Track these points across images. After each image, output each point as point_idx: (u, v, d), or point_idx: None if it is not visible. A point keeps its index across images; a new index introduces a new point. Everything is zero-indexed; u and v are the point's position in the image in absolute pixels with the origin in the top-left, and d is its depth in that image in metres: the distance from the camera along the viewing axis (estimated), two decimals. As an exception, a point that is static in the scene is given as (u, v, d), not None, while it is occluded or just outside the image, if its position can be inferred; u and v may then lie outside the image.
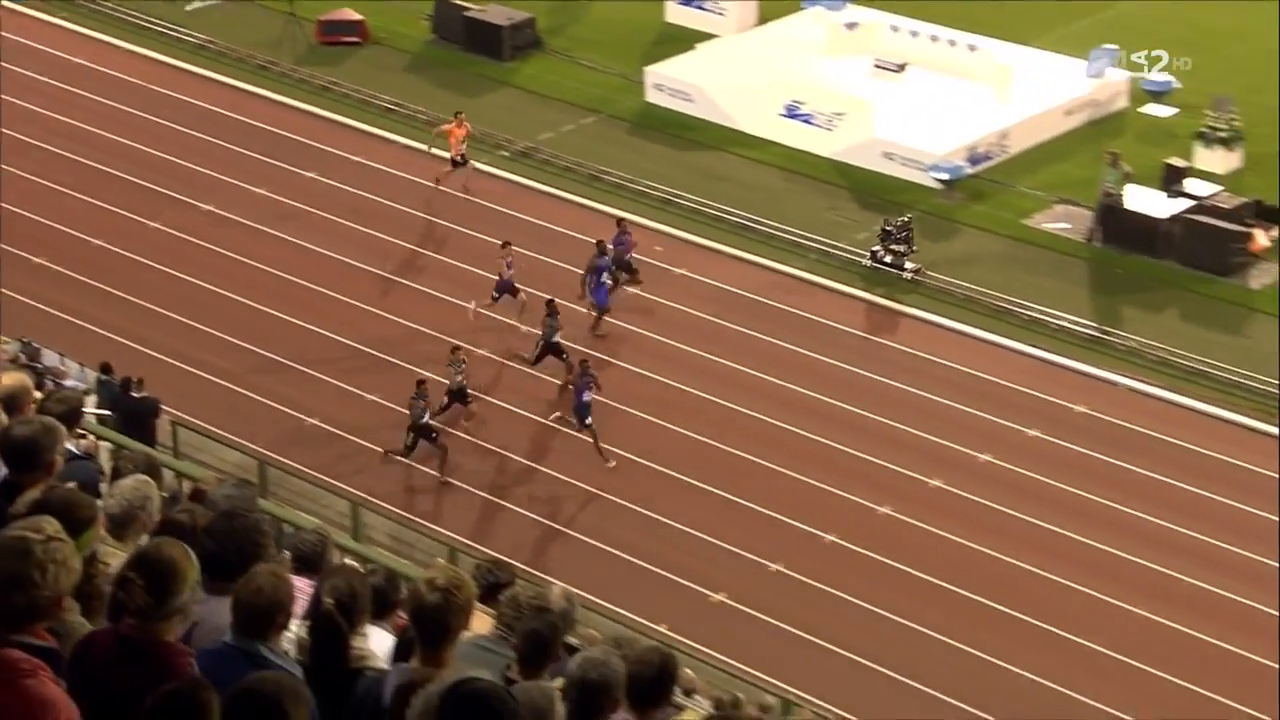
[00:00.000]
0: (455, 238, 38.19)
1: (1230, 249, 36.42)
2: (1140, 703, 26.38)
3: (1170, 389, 33.32)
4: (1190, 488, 30.60)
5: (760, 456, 31.45)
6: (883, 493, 30.66)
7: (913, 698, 26.54)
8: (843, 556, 29.52)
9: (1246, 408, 32.59)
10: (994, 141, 40.63)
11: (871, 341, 34.91)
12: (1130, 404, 33.05)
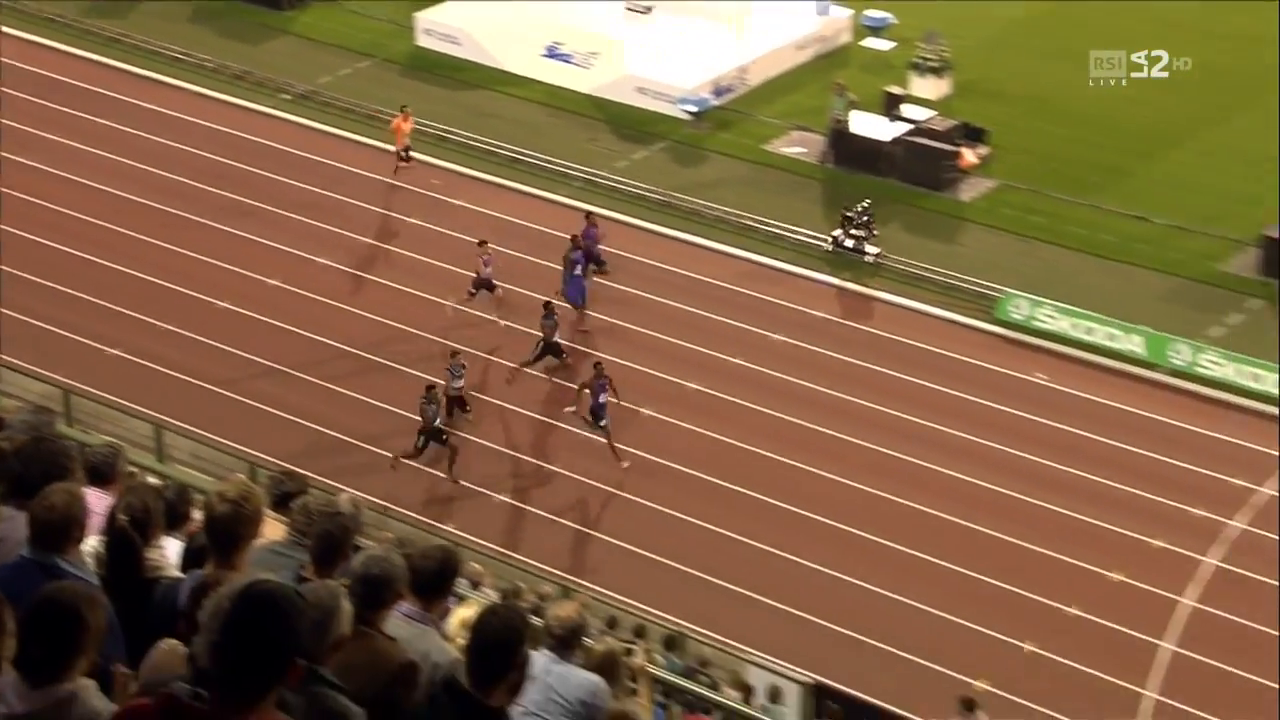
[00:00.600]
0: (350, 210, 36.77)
1: (944, 166, 37.18)
2: (914, 584, 26.92)
3: (897, 293, 33.91)
4: (919, 380, 31.19)
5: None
6: (644, 396, 30.81)
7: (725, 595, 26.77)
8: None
9: (962, 306, 33.28)
10: (735, 75, 40.85)
11: (636, 262, 34.88)
12: (864, 308, 33.58)
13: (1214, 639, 25.58)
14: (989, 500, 28.36)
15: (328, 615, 6.53)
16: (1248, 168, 36.84)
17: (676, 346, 32.13)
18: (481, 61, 41.83)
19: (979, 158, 37.65)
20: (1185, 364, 31.36)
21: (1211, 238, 34.74)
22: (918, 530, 27.73)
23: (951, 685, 24.29)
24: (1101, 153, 37.82)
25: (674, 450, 29.54)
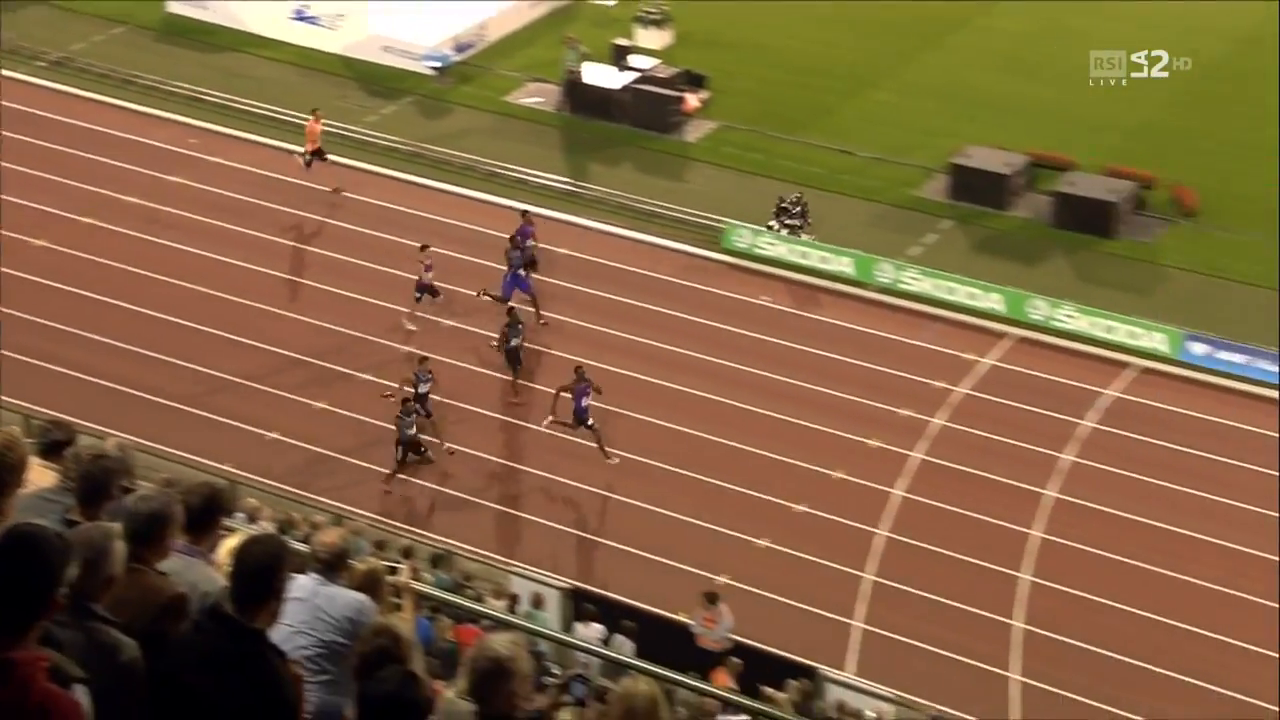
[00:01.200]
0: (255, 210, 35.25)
1: (669, 111, 37.36)
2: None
3: (631, 228, 34.10)
4: (654, 307, 31.46)
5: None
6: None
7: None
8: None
9: (691, 238, 33.62)
10: (475, 32, 40.44)
11: (392, 210, 34.44)
12: (602, 243, 33.67)
13: (922, 525, 26.39)
14: (723, 413, 28.74)
15: (99, 555, 6.33)
16: (936, 103, 37.76)
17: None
18: (231, 25, 40.71)
19: (700, 102, 37.94)
20: (890, 281, 32.14)
21: (907, 167, 35.57)
22: (657, 442, 27.99)
23: (695, 581, 24.67)
24: (809, 94, 38.39)
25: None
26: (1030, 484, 27.18)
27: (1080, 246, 32.92)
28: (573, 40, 38.28)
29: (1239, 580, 24.97)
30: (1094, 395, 29.21)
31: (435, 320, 30.78)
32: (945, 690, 22.95)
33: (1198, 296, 31.42)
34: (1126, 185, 33.69)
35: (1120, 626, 24.33)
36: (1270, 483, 26.70)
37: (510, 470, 27.88)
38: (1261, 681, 23.20)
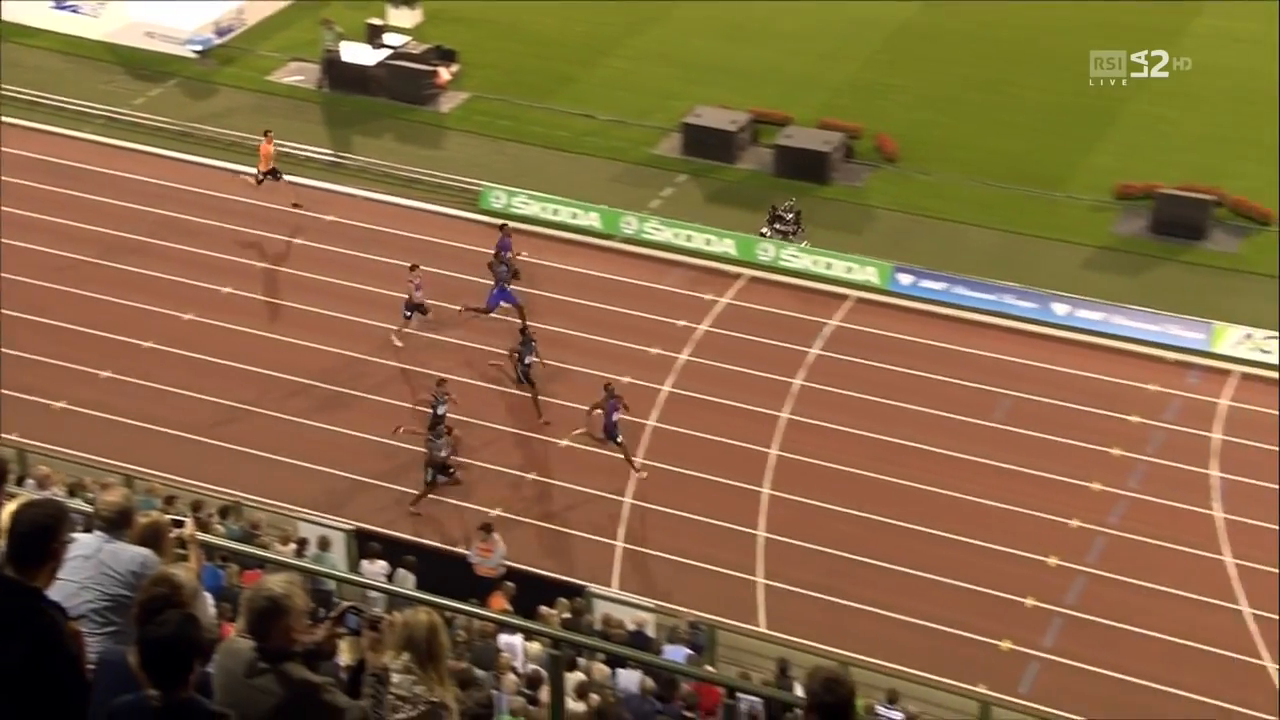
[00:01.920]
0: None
1: (423, 84, 36.90)
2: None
3: (393, 194, 33.67)
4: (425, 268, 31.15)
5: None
6: (182, 301, 29.71)
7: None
8: (160, 357, 28.56)
9: (451, 201, 33.34)
10: (234, 16, 39.37)
11: (165, 187, 33.33)
12: (367, 209, 33.16)
13: (673, 451, 26.70)
14: (486, 360, 28.67)
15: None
16: (667, 69, 38.00)
17: (199, 255, 31.04)
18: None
19: (452, 75, 37.55)
20: (634, 232, 32.34)
21: (643, 128, 35.75)
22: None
23: (473, 516, 24.62)
24: (551, 64, 38.27)
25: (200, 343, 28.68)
26: (767, 408, 27.68)
27: (800, 193, 33.47)
28: (329, 21, 37.54)
29: (953, 481, 25.86)
30: (819, 325, 29.87)
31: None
32: (700, 597, 23.30)
33: (902, 233, 32.31)
34: (837, 136, 34.44)
35: (851, 530, 25.01)
36: (973, 394, 27.74)
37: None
38: (978, 570, 24.14)
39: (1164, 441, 26.66)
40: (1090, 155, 34.13)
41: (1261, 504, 24.99)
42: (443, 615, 7.39)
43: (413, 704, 6.68)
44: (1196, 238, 31.37)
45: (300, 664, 6.31)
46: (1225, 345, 28.39)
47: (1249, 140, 34.01)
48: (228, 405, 27.36)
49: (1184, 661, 22.40)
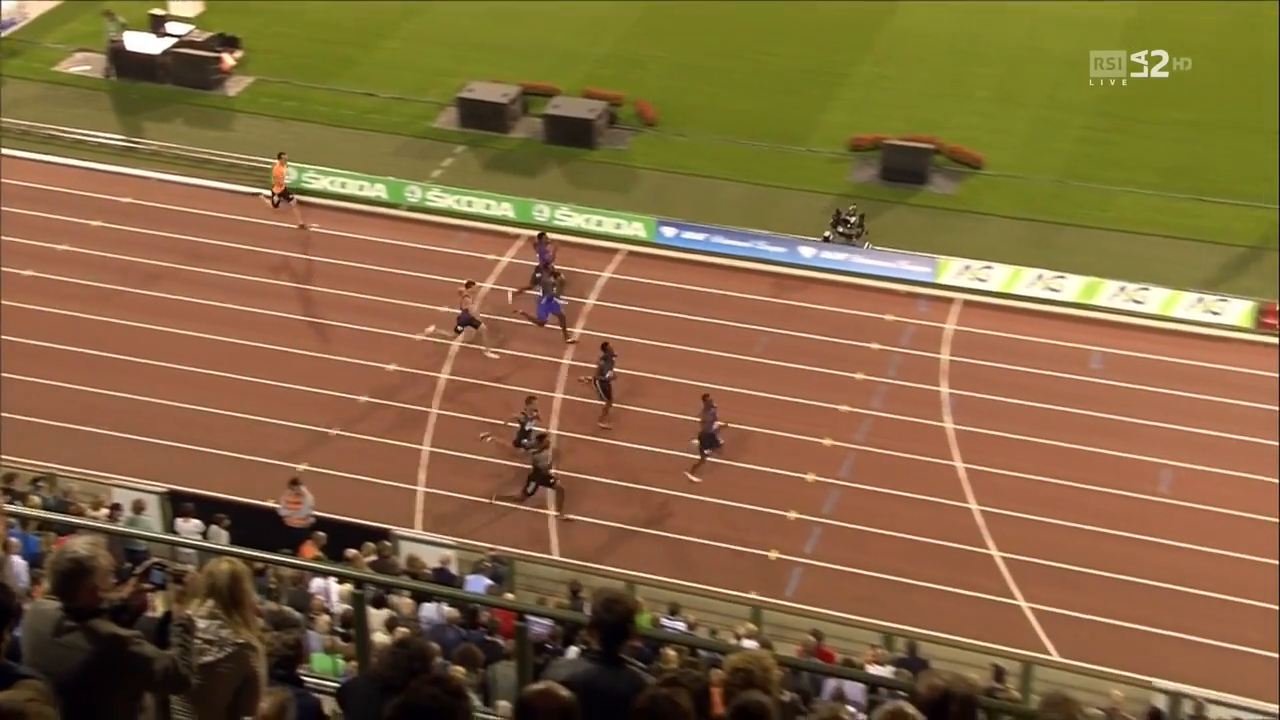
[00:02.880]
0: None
1: (208, 70, 35.75)
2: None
3: (186, 175, 32.58)
4: (215, 240, 30.25)
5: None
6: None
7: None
8: None
9: (241, 179, 32.34)
10: (15, 10, 37.60)
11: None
12: (161, 191, 32.05)
13: (466, 400, 26.53)
14: (281, 325, 28.07)
15: None
16: (440, 48, 37.52)
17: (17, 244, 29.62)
18: None
19: (236, 60, 36.41)
20: (418, 200, 31.93)
21: (422, 103, 35.26)
22: (233, 359, 27.14)
23: (280, 472, 24.14)
24: (332, 47, 37.42)
25: (45, 331, 27.43)
26: (550, 355, 27.71)
27: (569, 158, 33.53)
28: (111, 13, 35.99)
29: (721, 412, 26.28)
30: (594, 278, 29.96)
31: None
32: (498, 533, 23.33)
33: (664, 190, 32.57)
34: (600, 105, 34.48)
35: (638, 462, 25.26)
36: (734, 332, 28.21)
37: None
38: (745, 490, 24.60)
39: (901, 364, 27.54)
40: (825, 113, 34.88)
41: (984, 414, 26.05)
42: (254, 565, 7.27)
43: (219, 646, 6.56)
44: (920, 182, 32.37)
45: (108, 620, 6.12)
46: (948, 276, 29.43)
47: (960, 94, 35.20)
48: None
49: (925, 556, 23.28)
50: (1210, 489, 24.07)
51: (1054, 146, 33.15)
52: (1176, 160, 32.36)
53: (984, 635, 21.34)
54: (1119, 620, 21.93)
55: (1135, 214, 30.88)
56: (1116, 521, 23.60)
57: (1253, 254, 29.75)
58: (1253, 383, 26.42)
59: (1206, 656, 21.18)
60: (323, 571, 16.21)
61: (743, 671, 6.58)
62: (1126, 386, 26.59)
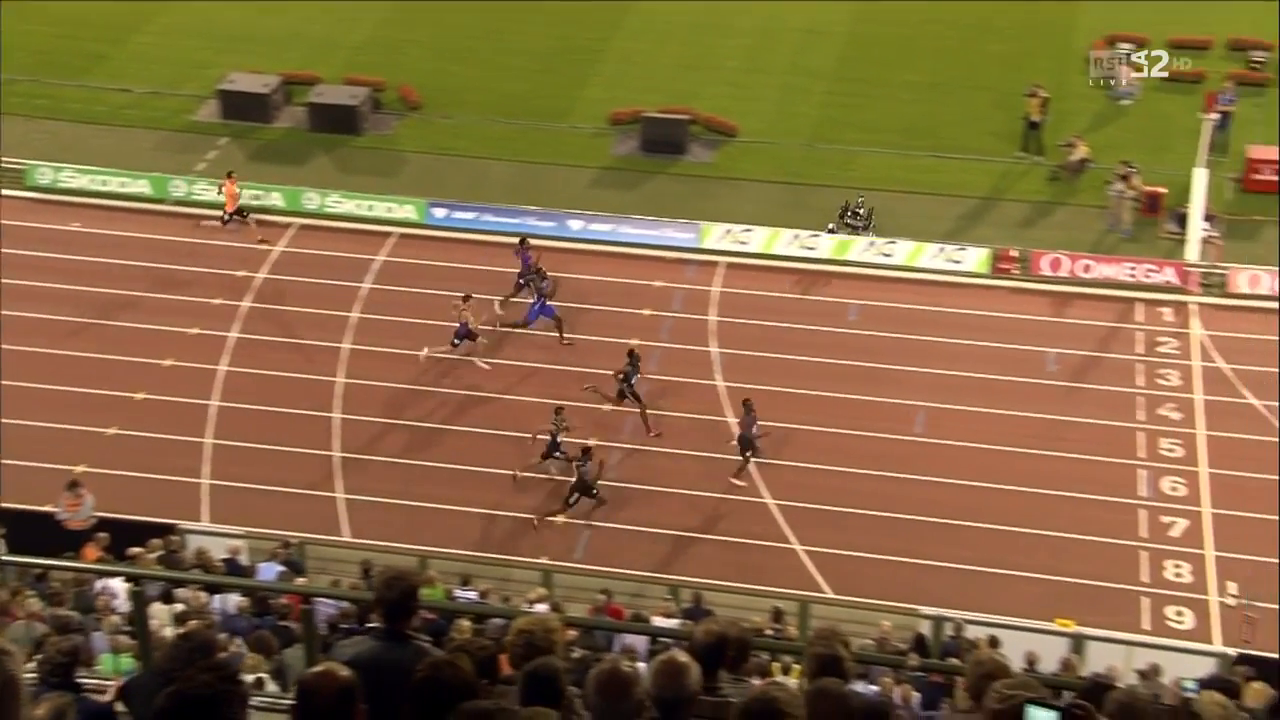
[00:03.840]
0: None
1: (-47, 70, 33.69)
2: None
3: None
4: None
5: None
6: None
7: None
8: None
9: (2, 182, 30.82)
10: None
11: None
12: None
13: (247, 390, 25.88)
14: (41, 327, 26.77)
15: None
16: (196, 40, 36.23)
17: None
18: None
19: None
20: (184, 194, 30.81)
21: (180, 97, 34.02)
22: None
23: (57, 475, 23.05)
24: (82, 43, 35.78)
25: None
26: (330, 341, 27.16)
27: (336, 145, 32.82)
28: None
29: (500, 385, 26.20)
30: (368, 262, 29.45)
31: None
32: (285, 519, 22.79)
33: (432, 172, 32.18)
34: (363, 91, 33.81)
35: (413, 439, 24.96)
36: (509, 307, 28.11)
37: None
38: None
39: (672, 328, 27.88)
40: (585, 89, 34.97)
41: (752, 370, 26.57)
42: (32, 572, 6.91)
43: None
44: (679, 153, 32.76)
45: None
46: (711, 241, 29.91)
47: (711, 66, 35.72)
48: None
49: (706, 510, 23.70)
50: (960, 426, 25.12)
51: (801, 112, 33.97)
52: (912, 120, 33.53)
53: (765, 580, 21.88)
54: (886, 555, 22.74)
55: (878, 172, 31.91)
56: (878, 462, 24.42)
57: (986, 204, 31.06)
58: (993, 324, 27.64)
59: (966, 581, 22.15)
60: (109, 572, 15.55)
61: (526, 633, 6.59)
62: (881, 335, 27.50)
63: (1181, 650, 18.84)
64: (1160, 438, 24.72)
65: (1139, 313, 27.82)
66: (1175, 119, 32.19)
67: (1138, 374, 26.24)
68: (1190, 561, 22.27)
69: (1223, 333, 27.04)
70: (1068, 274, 28.56)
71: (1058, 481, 23.71)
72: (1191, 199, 28.89)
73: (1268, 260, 28.43)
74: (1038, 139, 31.90)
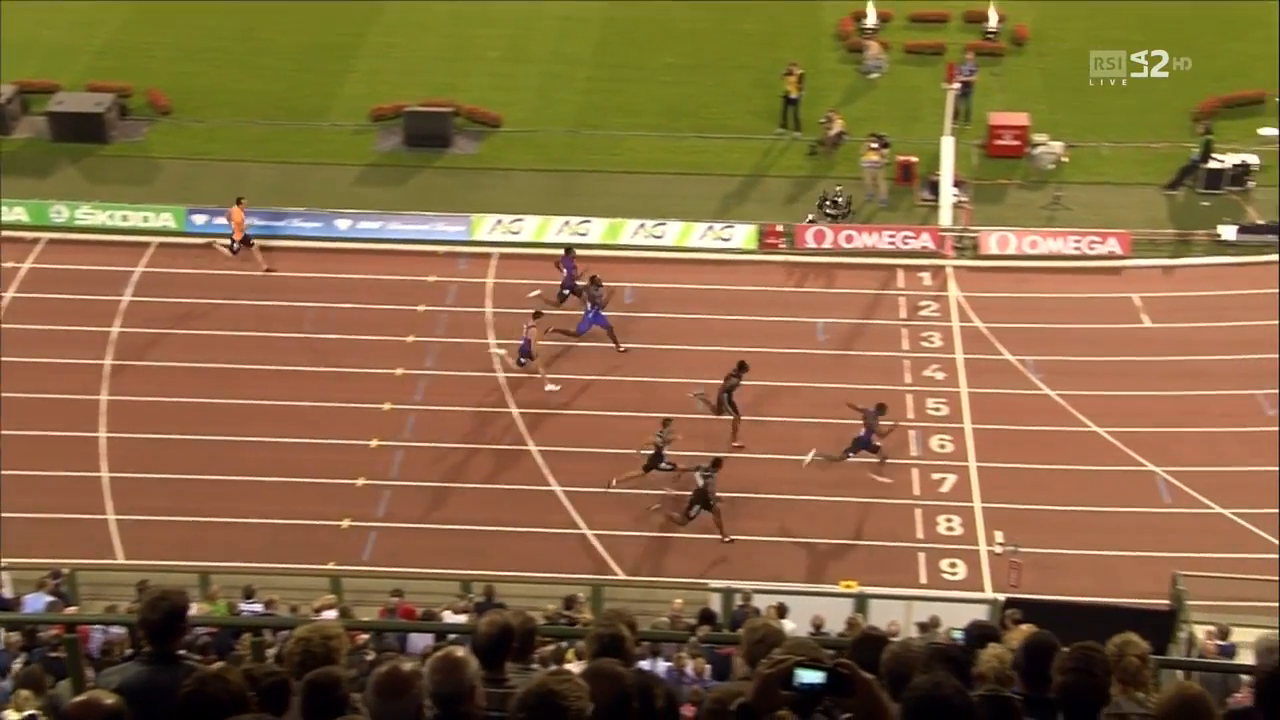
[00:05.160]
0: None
1: None
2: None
3: None
4: None
5: None
6: None
7: None
8: None
9: None
10: None
11: None
12: None
13: (6, 416, 24.69)
14: None
15: None
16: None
17: None
18: None
19: None
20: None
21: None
22: None
23: None
24: None
25: None
26: (91, 359, 26.10)
27: (83, 154, 31.49)
28: None
29: (278, 392, 25.62)
30: (126, 274, 28.39)
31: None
32: (53, 546, 21.79)
33: (190, 177, 31.19)
34: (108, 97, 32.50)
35: (191, 453, 24.19)
36: (283, 311, 27.46)
37: None
38: (312, 464, 24.13)
39: (448, 323, 27.68)
40: (343, 86, 34.36)
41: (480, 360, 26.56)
42: None
43: None
44: (444, 145, 32.51)
45: None
46: (482, 232, 29.80)
47: (471, 57, 35.54)
48: None
49: (495, 502, 23.64)
50: (739, 401, 25.60)
51: (563, 99, 34.11)
52: (674, 102, 34.03)
53: (559, 567, 21.98)
54: (670, 532, 23.06)
55: (644, 155, 32.30)
56: (663, 441, 24.73)
57: (750, 182, 31.77)
58: (763, 298, 28.29)
59: (754, 551, 22.68)
60: None
61: (304, 641, 6.50)
62: (657, 316, 27.87)
63: (956, 600, 19.73)
64: (927, 398, 25.76)
65: (900, 279, 28.91)
66: (922, 90, 33.51)
67: (903, 338, 27.27)
68: (960, 514, 23.30)
69: (978, 293, 28.34)
70: (831, 245, 29.48)
71: (833, 448, 24.45)
72: (941, 166, 30.16)
73: (1014, 221, 29.92)
74: (795, 115, 32.80)
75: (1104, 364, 26.07)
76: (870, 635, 6.64)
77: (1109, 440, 24.27)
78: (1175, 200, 30.65)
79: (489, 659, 6.60)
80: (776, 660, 4.75)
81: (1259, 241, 29.06)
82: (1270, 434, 24.23)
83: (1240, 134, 31.66)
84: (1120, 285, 28.32)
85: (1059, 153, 31.59)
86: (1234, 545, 22.12)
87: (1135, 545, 22.46)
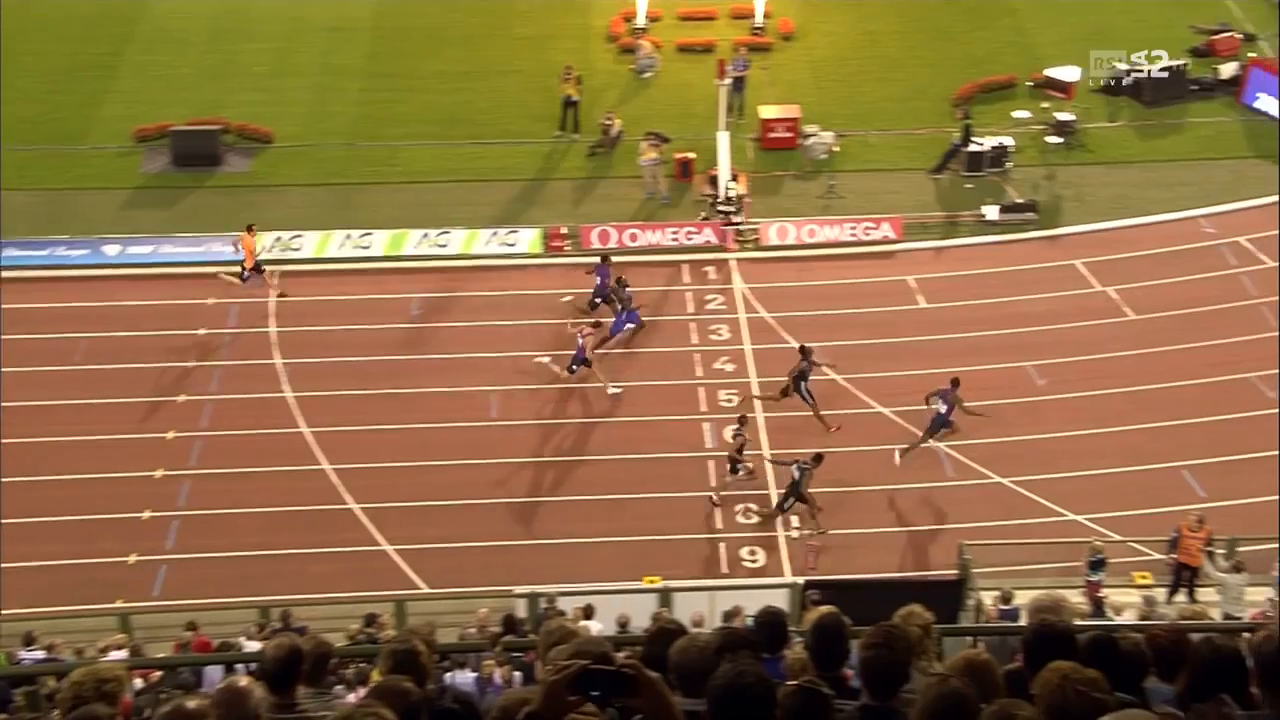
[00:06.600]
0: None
1: None
2: None
3: None
4: None
5: None
6: None
7: None
8: None
9: None
10: None
11: None
12: None
13: None
14: None
15: None
16: None
17: None
18: None
19: None
20: None
21: None
22: None
23: None
24: None
25: None
26: None
27: None
28: None
29: (48, 430, 24.52)
30: None
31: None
32: None
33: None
34: None
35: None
36: (50, 343, 26.24)
37: None
38: (97, 501, 23.11)
39: (231, 345, 26.90)
40: (102, 107, 33.08)
41: (320, 377, 25.98)
42: None
43: None
44: (214, 164, 31.55)
45: None
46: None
47: (237, 73, 34.60)
48: None
49: (291, 525, 22.99)
50: (532, 406, 25.58)
51: (336, 111, 33.50)
52: (450, 110, 33.76)
53: (360, 586, 21.51)
54: (476, 541, 22.87)
55: (422, 165, 31.95)
56: (456, 451, 24.47)
57: (533, 186, 31.73)
58: (551, 302, 28.26)
59: (557, 554, 22.63)
60: None
61: (77, 685, 6.24)
62: (447, 326, 27.59)
63: (758, 587, 20.06)
64: (719, 390, 26.14)
65: (686, 274, 29.27)
66: (696, 87, 33.99)
67: (692, 332, 27.60)
68: (757, 502, 23.69)
69: (761, 284, 28.89)
70: (616, 244, 29.66)
71: (631, 445, 24.61)
72: (719, 161, 30.66)
73: (792, 212, 30.62)
74: (575, 117, 32.90)
75: (885, 346, 26.87)
76: (665, 629, 6.65)
77: (894, 420, 25.02)
78: (941, 184, 31.84)
79: (278, 684, 6.40)
80: (561, 664, 4.69)
81: (1019, 220, 30.44)
82: (1041, 403, 25.38)
83: (996, 118, 33.10)
84: (895, 269, 29.25)
85: (830, 143, 32.47)
86: (1015, 512, 23.05)
87: (925, 520, 23.22)
